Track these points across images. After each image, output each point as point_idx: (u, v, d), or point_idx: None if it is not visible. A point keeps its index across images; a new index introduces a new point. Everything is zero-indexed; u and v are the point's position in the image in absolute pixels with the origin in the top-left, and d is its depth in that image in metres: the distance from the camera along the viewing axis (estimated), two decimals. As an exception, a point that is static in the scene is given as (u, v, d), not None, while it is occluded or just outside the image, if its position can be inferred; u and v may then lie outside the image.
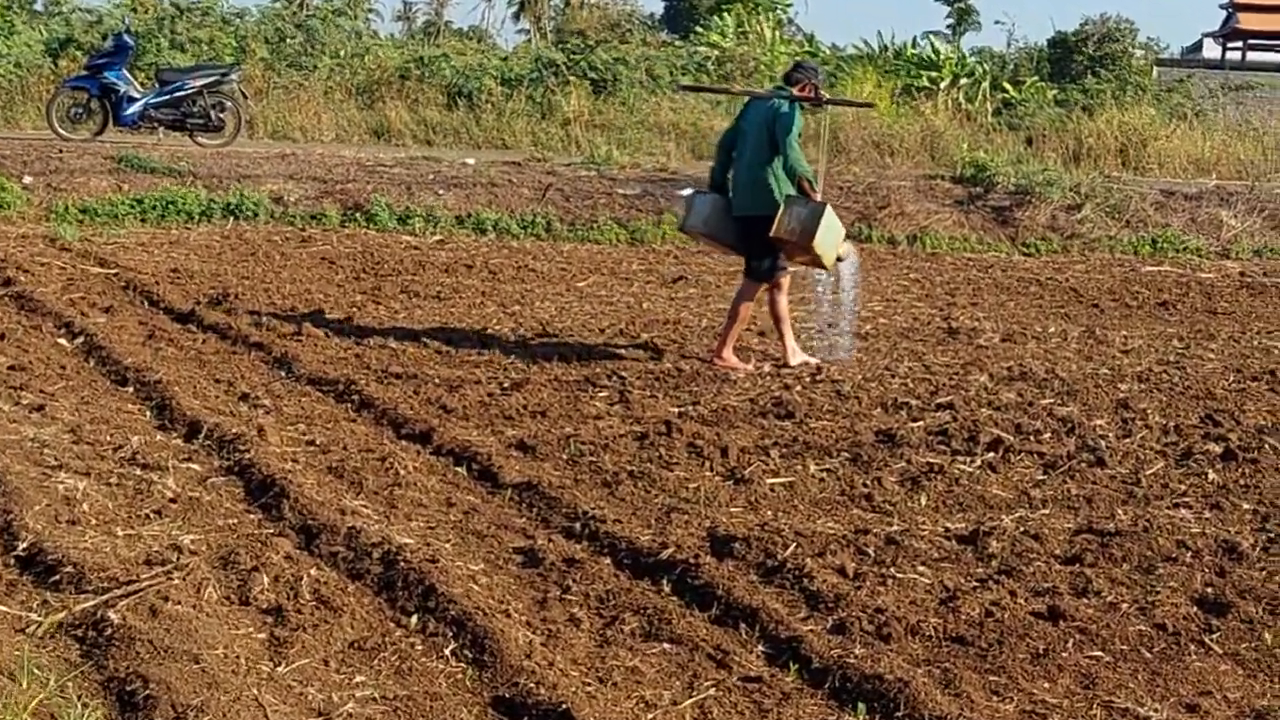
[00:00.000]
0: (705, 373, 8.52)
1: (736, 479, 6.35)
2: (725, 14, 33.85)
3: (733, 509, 5.97)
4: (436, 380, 8.09)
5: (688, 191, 16.14)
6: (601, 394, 7.94)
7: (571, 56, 23.82)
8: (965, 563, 5.33)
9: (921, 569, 5.21)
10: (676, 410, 7.55)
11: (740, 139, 8.85)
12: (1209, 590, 5.05)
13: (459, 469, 6.44)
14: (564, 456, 6.64)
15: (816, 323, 10.39)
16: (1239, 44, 48.79)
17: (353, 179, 15.94)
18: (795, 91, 8.79)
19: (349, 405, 7.54)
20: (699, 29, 34.43)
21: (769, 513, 5.93)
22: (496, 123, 21.16)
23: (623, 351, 9.16)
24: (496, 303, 10.98)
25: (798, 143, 8.59)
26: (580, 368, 8.62)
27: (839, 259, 8.93)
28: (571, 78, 22.30)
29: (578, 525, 5.62)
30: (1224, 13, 50.77)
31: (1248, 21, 47.46)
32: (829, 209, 8.55)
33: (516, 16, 76.47)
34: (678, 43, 33.07)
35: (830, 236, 8.57)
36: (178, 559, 4.95)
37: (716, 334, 9.33)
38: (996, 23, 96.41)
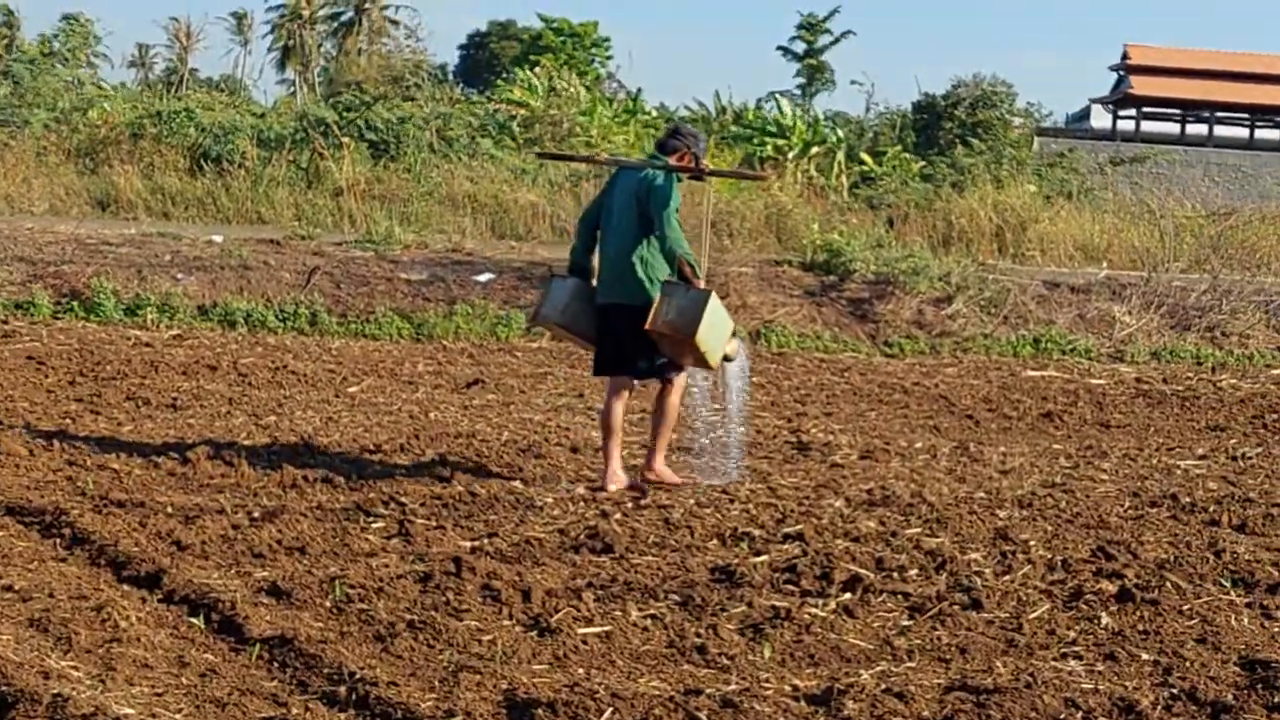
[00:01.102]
0: (505, 498, 8.49)
1: (541, 629, 6.30)
2: (532, 67, 34.32)
3: (536, 666, 5.91)
4: (169, 509, 7.90)
5: (486, 277, 16.30)
6: (376, 525, 7.83)
7: (345, 114, 23.85)
8: (816, 728, 5.35)
9: (764, 737, 5.21)
10: (469, 544, 7.49)
11: (606, 216, 8.99)
12: (1102, 757, 5.15)
13: (195, 620, 6.27)
14: (327, 604, 6.51)
15: (697, 437, 10.47)
16: (1132, 112, 51.19)
17: (70, 260, 15.62)
18: (672, 161, 8.91)
19: (58, 540, 7.31)
20: (501, 83, 34.82)
21: (580, 670, 5.88)
22: (251, 192, 21.02)
23: (403, 472, 9.07)
24: (247, 412, 10.81)
25: (677, 219, 8.68)
26: (350, 492, 8.51)
27: (726, 358, 8.99)
28: (345, 139, 22.29)
29: (343, 689, 5.50)
30: (1114, 76, 53.26)
31: (1142, 86, 49.86)
32: (714, 297, 8.61)
33: (279, 65, 76.38)
34: (476, 99, 33.37)
35: (716, 331, 8.65)
36: None
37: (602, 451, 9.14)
38: (853, 83, 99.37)
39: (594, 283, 9.07)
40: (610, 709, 5.29)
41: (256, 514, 7.87)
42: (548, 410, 11.72)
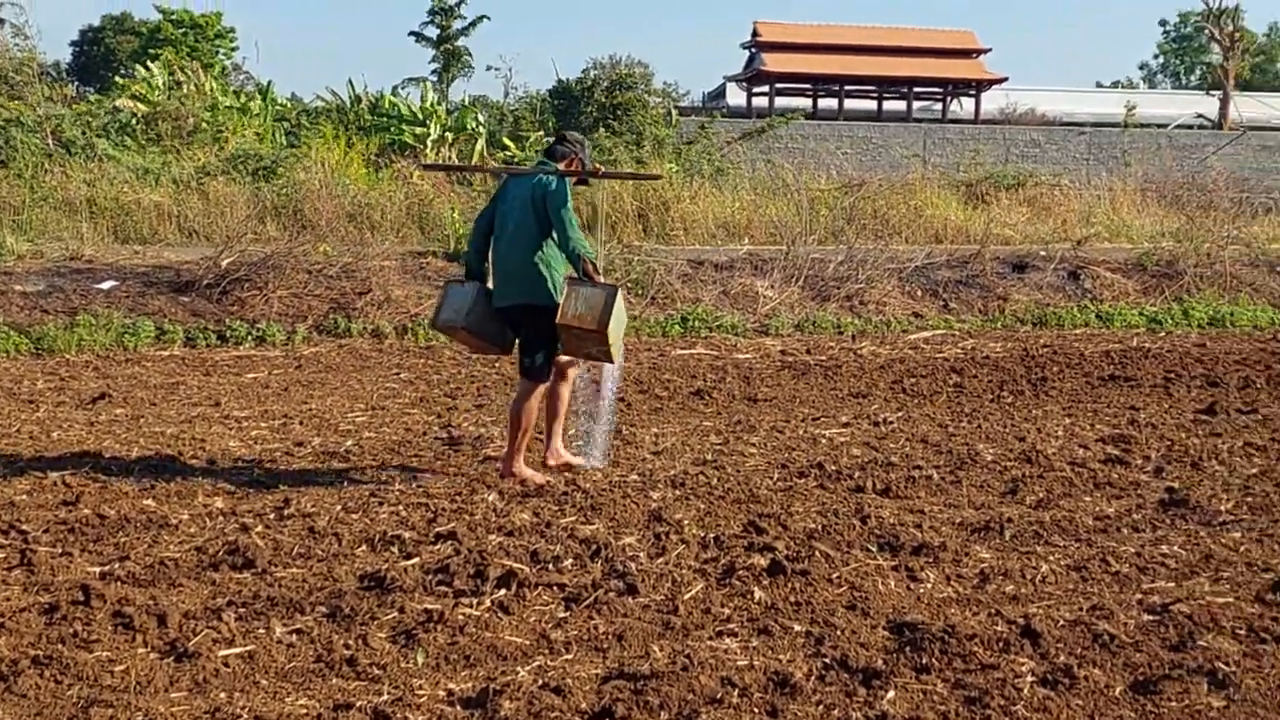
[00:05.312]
0: (137, 518, 8.16)
1: (179, 654, 6.07)
2: (153, 61, 33.27)
3: (173, 695, 5.69)
4: None
5: (109, 285, 15.71)
6: (-5, 557, 7.44)
7: (-54, 118, 22.72)
8: (472, 732, 5.29)
9: (418, 747, 5.12)
10: (98, 570, 7.18)
11: (501, 222, 9.25)
12: (760, 734, 5.21)
13: None
14: (-59, 646, 6.15)
15: (576, 427, 10.65)
16: (765, 88, 52.56)
17: None
18: (561, 166, 9.29)
19: None
20: (120, 80, 33.69)
21: (221, 695, 5.68)
22: None
23: (24, 497, 8.65)
24: None
25: (575, 219, 9.03)
26: (-35, 524, 8.06)
27: None
28: (-52, 146, 21.24)
29: (-41, 739, 5.20)
30: (746, 54, 54.64)
31: (774, 63, 51.24)
32: (620, 292, 8.94)
33: (-125, 69, 72.43)
34: (94, 97, 32.25)
35: (620, 325, 8.99)
36: None
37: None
38: (490, 68, 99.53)
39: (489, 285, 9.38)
40: (254, 733, 5.12)
41: None
42: (181, 422, 11.33)
